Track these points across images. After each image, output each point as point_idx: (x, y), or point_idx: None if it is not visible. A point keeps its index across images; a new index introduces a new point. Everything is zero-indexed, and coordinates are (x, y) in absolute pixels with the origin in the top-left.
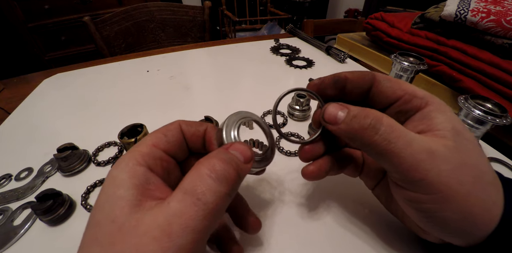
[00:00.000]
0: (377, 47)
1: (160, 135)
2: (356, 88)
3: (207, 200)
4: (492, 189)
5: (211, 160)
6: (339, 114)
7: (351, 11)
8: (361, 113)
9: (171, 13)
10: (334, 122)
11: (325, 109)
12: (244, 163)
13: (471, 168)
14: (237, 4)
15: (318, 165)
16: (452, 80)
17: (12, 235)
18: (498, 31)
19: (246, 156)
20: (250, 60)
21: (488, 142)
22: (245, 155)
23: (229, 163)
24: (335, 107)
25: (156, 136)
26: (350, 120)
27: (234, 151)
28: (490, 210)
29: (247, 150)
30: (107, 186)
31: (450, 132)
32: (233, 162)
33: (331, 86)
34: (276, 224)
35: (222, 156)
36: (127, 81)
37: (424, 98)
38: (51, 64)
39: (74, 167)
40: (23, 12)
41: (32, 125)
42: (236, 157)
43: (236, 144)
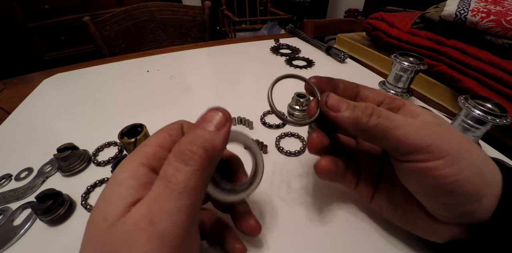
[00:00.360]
0: (377, 47)
1: (164, 135)
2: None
3: (177, 180)
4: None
5: (178, 144)
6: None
7: (351, 11)
8: (361, 104)
9: (171, 13)
10: (337, 109)
11: (328, 96)
12: (216, 130)
13: (456, 132)
14: (237, 4)
15: (329, 159)
16: (452, 80)
17: (12, 235)
18: (498, 31)
19: (218, 122)
20: (250, 60)
21: (488, 142)
22: (217, 122)
23: (193, 142)
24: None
25: (161, 136)
26: (353, 108)
27: (205, 124)
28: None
29: (214, 116)
30: (107, 185)
31: (430, 116)
32: (198, 140)
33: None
34: (277, 225)
35: (187, 137)
36: (127, 81)
37: (401, 100)
38: (51, 64)
39: (74, 167)
40: (23, 12)
41: (32, 125)
42: (204, 130)
43: (207, 114)
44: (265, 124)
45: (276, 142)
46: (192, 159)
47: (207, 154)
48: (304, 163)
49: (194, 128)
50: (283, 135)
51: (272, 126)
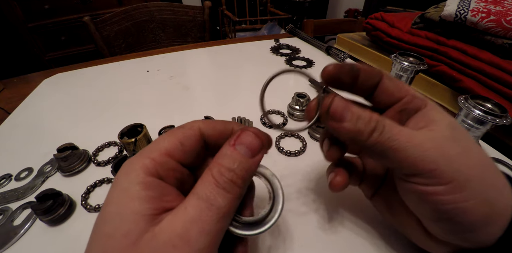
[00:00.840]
0: (377, 47)
1: (176, 143)
2: (367, 80)
3: (220, 205)
4: (498, 173)
5: (218, 168)
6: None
7: (351, 11)
8: (365, 115)
9: (171, 13)
10: (339, 119)
11: (332, 101)
12: (251, 157)
13: (474, 153)
14: (237, 4)
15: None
16: (452, 80)
17: (12, 235)
18: (498, 31)
19: (253, 148)
20: (250, 60)
21: (488, 142)
22: (252, 147)
23: (234, 171)
24: (342, 102)
25: (171, 143)
26: (356, 121)
27: (239, 146)
28: (503, 192)
29: (252, 141)
30: (117, 197)
31: (448, 126)
32: (238, 169)
33: (348, 73)
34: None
35: (227, 163)
36: (127, 81)
37: (423, 100)
38: (51, 64)
39: (74, 167)
40: (23, 12)
41: (32, 125)
42: (242, 157)
43: (242, 135)
44: (265, 124)
45: (276, 142)
46: (233, 188)
47: (244, 184)
48: (304, 163)
49: (231, 151)
50: (283, 135)
51: (272, 127)
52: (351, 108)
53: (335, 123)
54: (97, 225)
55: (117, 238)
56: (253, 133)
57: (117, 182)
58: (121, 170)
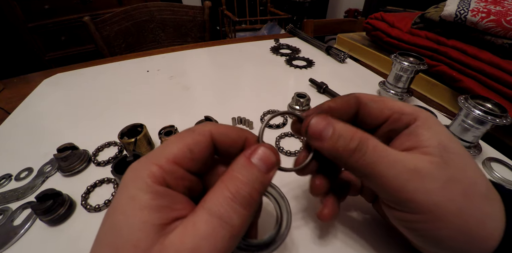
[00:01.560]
0: (377, 47)
1: (185, 150)
2: (342, 115)
3: (234, 223)
4: (485, 202)
5: (234, 180)
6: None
7: (351, 11)
8: (347, 133)
9: (171, 13)
10: (319, 137)
11: (309, 121)
12: (266, 173)
13: (460, 183)
14: (237, 4)
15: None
16: (452, 80)
17: (12, 235)
18: (498, 31)
19: (269, 164)
20: (250, 60)
21: (488, 142)
22: (268, 163)
23: (252, 185)
24: (321, 120)
25: (180, 150)
26: (336, 140)
27: (255, 160)
28: (485, 224)
29: (269, 157)
30: (124, 205)
31: (436, 148)
32: (256, 183)
33: None
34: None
35: (245, 176)
36: (127, 81)
37: (412, 114)
38: (51, 64)
39: (74, 167)
40: (23, 12)
41: (32, 125)
42: (259, 171)
43: (258, 150)
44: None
45: (276, 142)
46: (249, 204)
47: (260, 200)
48: None
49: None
50: (283, 135)
51: (272, 126)
52: (333, 124)
53: (315, 142)
54: (104, 234)
55: (126, 248)
56: (269, 149)
57: (124, 189)
58: (127, 176)
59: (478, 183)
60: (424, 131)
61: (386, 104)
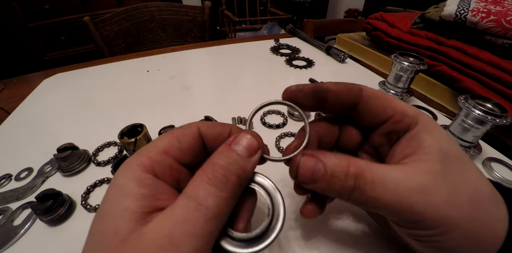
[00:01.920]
0: (377, 47)
1: (173, 140)
2: (340, 102)
3: (209, 205)
4: (491, 205)
5: (211, 165)
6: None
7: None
8: (340, 169)
9: (171, 13)
10: (310, 181)
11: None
12: (248, 157)
13: (464, 190)
14: (237, 4)
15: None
16: (452, 80)
17: (12, 235)
18: (498, 31)
19: (250, 149)
20: (250, 60)
21: (488, 142)
22: (250, 148)
23: (228, 168)
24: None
25: (169, 141)
26: (330, 180)
27: (237, 146)
28: (493, 227)
29: (251, 142)
30: (112, 194)
31: (437, 155)
32: (233, 166)
33: (309, 96)
34: None
35: (222, 160)
36: (127, 81)
37: (414, 117)
38: (51, 64)
39: (74, 167)
40: (23, 12)
41: (32, 125)
42: (238, 155)
43: (239, 136)
44: (265, 124)
45: (276, 142)
46: (226, 185)
47: (239, 182)
48: None
49: (227, 150)
50: (283, 135)
51: (272, 126)
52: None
53: (308, 186)
54: (93, 222)
55: (108, 236)
56: (250, 135)
57: (114, 180)
58: (119, 168)
59: (481, 186)
60: (425, 136)
61: (389, 103)
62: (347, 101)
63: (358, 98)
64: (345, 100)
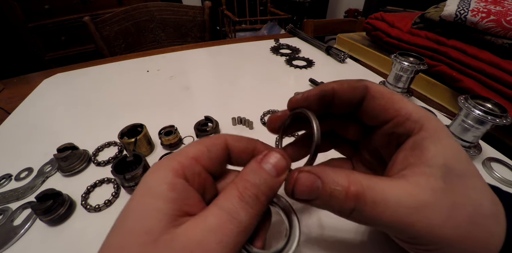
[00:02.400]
0: (377, 47)
1: (203, 149)
2: (345, 102)
3: (241, 219)
4: (489, 222)
5: (244, 182)
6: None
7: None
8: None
9: (171, 13)
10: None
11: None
12: (276, 177)
13: (464, 208)
14: (237, 4)
15: None
16: (452, 80)
17: (12, 235)
18: (498, 31)
19: (279, 168)
20: (250, 60)
21: (488, 142)
22: (278, 167)
23: (259, 187)
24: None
25: (199, 149)
26: (328, 199)
27: (266, 165)
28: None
29: (280, 161)
30: (142, 194)
31: (441, 170)
32: (263, 185)
33: (315, 102)
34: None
35: (253, 179)
36: (127, 81)
37: (418, 122)
38: (51, 64)
39: (74, 167)
40: (23, 12)
41: (32, 125)
42: (268, 174)
43: (269, 155)
44: (265, 124)
45: (276, 142)
46: (256, 204)
47: (267, 200)
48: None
49: (258, 168)
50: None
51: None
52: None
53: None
54: (119, 219)
55: (138, 233)
56: (280, 154)
57: (145, 180)
58: (150, 170)
59: (483, 204)
60: (430, 145)
61: (393, 104)
62: (352, 100)
63: (363, 95)
64: (349, 100)
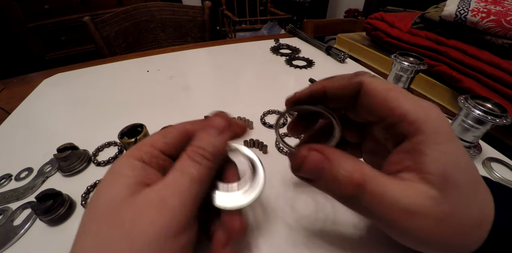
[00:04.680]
0: (377, 47)
1: (158, 136)
2: (337, 98)
3: (192, 172)
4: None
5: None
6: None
7: (351, 11)
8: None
9: (171, 13)
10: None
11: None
12: (218, 135)
13: (453, 219)
14: (237, 4)
15: None
16: (452, 80)
17: (12, 235)
18: (498, 31)
19: (219, 128)
20: (250, 60)
21: (488, 142)
22: (218, 127)
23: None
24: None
25: (154, 137)
26: (331, 181)
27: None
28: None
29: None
30: (107, 176)
31: (438, 178)
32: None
33: (308, 101)
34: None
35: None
36: (127, 81)
37: (415, 123)
38: (51, 64)
39: (74, 167)
40: (23, 12)
41: (32, 125)
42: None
43: (211, 119)
44: (265, 124)
45: (276, 142)
46: (203, 160)
47: (214, 157)
48: None
49: (202, 134)
50: (283, 135)
51: (272, 126)
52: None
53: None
54: (93, 196)
55: (103, 205)
56: (219, 116)
57: (112, 165)
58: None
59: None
60: (428, 150)
61: (387, 103)
62: (344, 97)
63: (357, 90)
64: (342, 96)
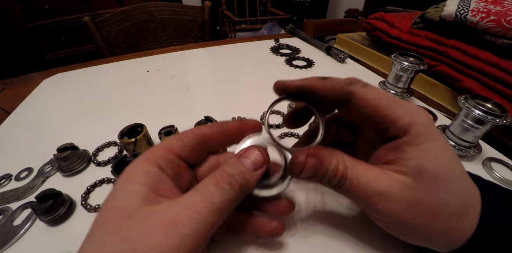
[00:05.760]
0: (377, 47)
1: (175, 140)
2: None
3: (214, 200)
4: (455, 219)
5: (221, 172)
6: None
7: (351, 11)
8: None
9: (171, 13)
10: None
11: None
12: (253, 170)
13: (427, 204)
14: (237, 4)
15: None
16: (452, 80)
17: (12, 235)
18: (498, 31)
19: (256, 163)
20: (250, 60)
21: (488, 142)
22: (256, 162)
23: (234, 177)
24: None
25: (171, 141)
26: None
27: (245, 160)
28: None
29: (258, 157)
30: (121, 181)
31: (412, 170)
32: (238, 176)
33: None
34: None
35: (230, 169)
36: (127, 81)
37: (402, 128)
38: (51, 64)
39: (74, 167)
40: (23, 12)
41: (32, 125)
42: (245, 168)
43: (249, 151)
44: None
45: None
46: (230, 190)
47: (241, 190)
48: None
49: (236, 161)
50: (283, 135)
51: (272, 126)
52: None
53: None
54: (105, 201)
55: (116, 211)
56: (258, 151)
57: (126, 170)
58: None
59: (450, 203)
60: (409, 148)
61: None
62: (333, 102)
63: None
64: (330, 100)
